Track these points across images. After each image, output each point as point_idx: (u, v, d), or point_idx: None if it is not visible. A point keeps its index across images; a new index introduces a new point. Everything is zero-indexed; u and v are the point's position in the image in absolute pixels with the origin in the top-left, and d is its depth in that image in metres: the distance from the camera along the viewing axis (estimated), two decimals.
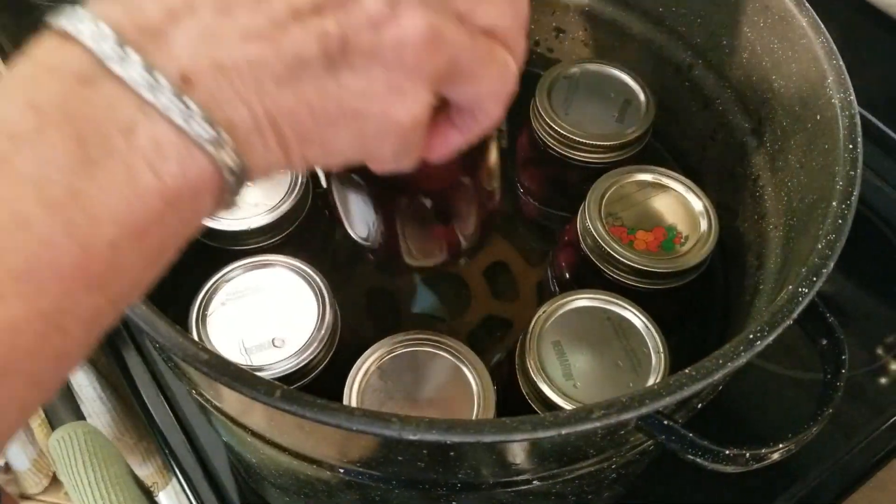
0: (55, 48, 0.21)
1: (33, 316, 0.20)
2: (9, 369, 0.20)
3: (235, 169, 0.22)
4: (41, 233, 0.19)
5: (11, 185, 0.19)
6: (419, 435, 0.28)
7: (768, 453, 0.32)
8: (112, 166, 0.20)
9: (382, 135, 0.24)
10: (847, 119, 0.38)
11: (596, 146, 0.49)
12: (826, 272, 0.33)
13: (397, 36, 0.22)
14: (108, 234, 0.20)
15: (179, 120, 0.20)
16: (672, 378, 0.30)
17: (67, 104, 0.20)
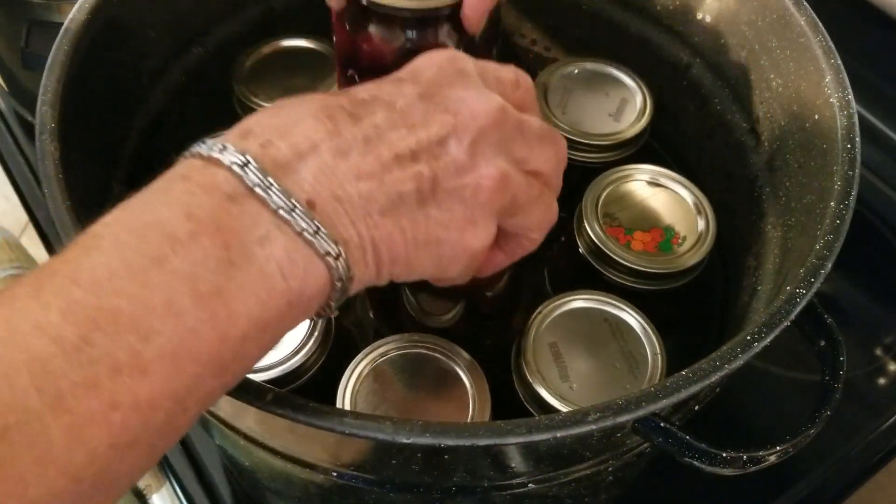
0: (204, 171, 0.25)
1: (168, 394, 0.22)
2: (139, 442, 0.22)
3: (345, 279, 0.26)
4: (190, 322, 0.22)
5: (168, 279, 0.22)
6: (412, 438, 0.28)
7: (766, 456, 0.32)
8: (251, 270, 0.24)
9: (456, 258, 0.29)
10: (845, 118, 0.38)
11: (593, 145, 0.48)
12: (824, 273, 0.33)
13: (476, 180, 0.28)
14: (242, 328, 0.23)
15: (309, 236, 0.25)
16: (669, 380, 0.30)
17: (218, 216, 0.24)
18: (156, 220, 0.23)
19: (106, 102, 0.43)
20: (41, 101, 0.37)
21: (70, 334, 0.21)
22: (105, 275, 0.22)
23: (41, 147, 0.35)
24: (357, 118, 0.27)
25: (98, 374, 0.21)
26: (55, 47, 0.39)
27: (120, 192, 0.44)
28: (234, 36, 0.51)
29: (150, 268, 0.22)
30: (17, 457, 0.20)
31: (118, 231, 0.23)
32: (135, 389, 0.21)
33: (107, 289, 0.22)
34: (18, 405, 0.20)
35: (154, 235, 0.23)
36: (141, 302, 0.22)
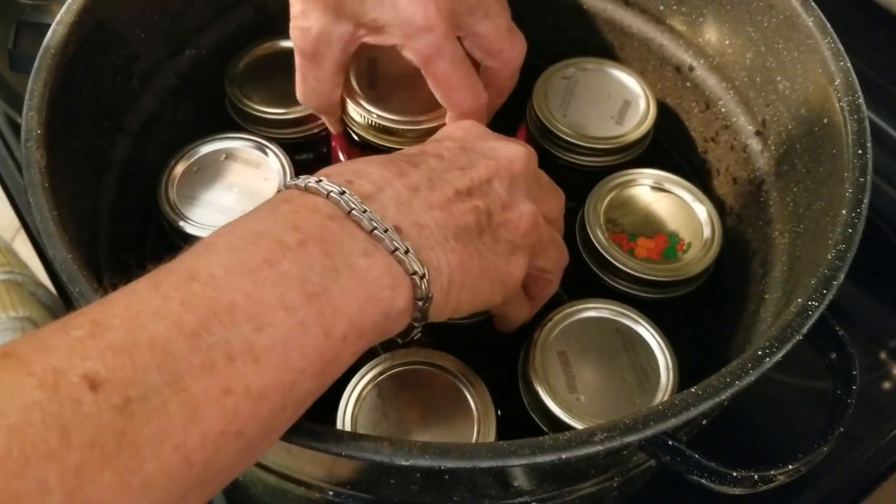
0: (306, 196, 0.28)
1: (276, 386, 0.23)
2: (244, 434, 0.23)
3: (425, 299, 0.28)
4: (299, 316, 0.24)
5: (279, 278, 0.24)
6: (411, 460, 0.27)
7: (777, 475, 0.31)
8: (353, 278, 0.26)
9: (502, 284, 0.32)
10: (855, 123, 0.37)
11: (595, 149, 0.47)
12: (837, 284, 0.32)
13: (517, 215, 0.32)
14: (343, 329, 0.25)
15: (400, 254, 0.27)
16: (677, 397, 0.29)
17: (322, 231, 0.27)
18: (266, 231, 0.26)
19: (95, 106, 0.42)
20: (27, 106, 0.36)
21: (189, 321, 0.22)
22: (221, 272, 0.24)
23: (27, 154, 0.34)
24: (415, 164, 0.31)
25: (214, 359, 0.22)
26: (42, 50, 0.38)
27: (113, 196, 0.43)
28: (227, 37, 0.50)
29: (263, 268, 0.24)
30: (137, 429, 0.20)
31: (231, 238, 0.26)
32: (247, 377, 0.22)
33: (223, 284, 0.24)
34: (139, 380, 0.21)
35: (265, 242, 0.25)
36: (255, 297, 0.24)
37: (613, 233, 0.44)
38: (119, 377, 0.21)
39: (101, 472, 0.20)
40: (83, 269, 0.31)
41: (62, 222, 0.33)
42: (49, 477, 0.19)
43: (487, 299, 0.32)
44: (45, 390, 0.20)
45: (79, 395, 0.20)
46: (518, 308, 0.37)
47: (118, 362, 0.21)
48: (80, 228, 0.38)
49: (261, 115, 0.48)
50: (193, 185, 0.44)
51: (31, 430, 0.19)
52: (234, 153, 0.46)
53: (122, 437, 0.20)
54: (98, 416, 0.20)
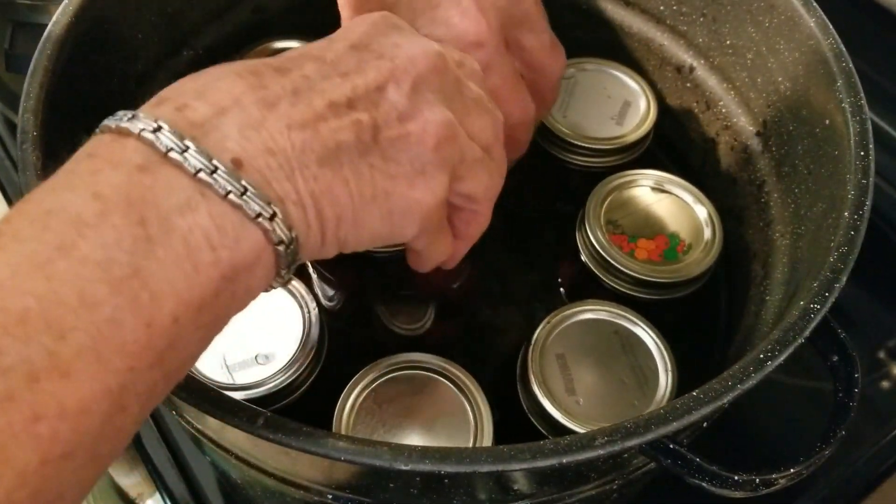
0: (112, 144, 0.23)
1: (101, 395, 0.20)
2: (75, 453, 0.20)
3: (287, 241, 0.24)
4: (108, 312, 0.20)
5: (78, 268, 0.20)
6: (411, 465, 0.26)
7: (778, 478, 0.31)
8: (172, 244, 0.21)
9: (407, 213, 0.27)
10: (858, 125, 0.37)
11: (595, 150, 0.47)
12: (839, 287, 0.32)
13: (421, 126, 0.27)
14: (171, 310, 0.21)
15: (235, 197, 0.22)
16: (679, 401, 0.29)
17: (129, 191, 0.22)
18: (59, 206, 0.21)
19: (92, 107, 0.42)
20: (23, 107, 0.36)
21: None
22: (7, 275, 0.20)
23: (23, 156, 0.34)
24: (284, 71, 0.26)
25: (13, 386, 0.19)
26: (38, 51, 0.37)
27: None
28: (225, 38, 0.50)
29: (57, 258, 0.20)
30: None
31: (19, 225, 0.21)
32: (58, 396, 0.19)
33: (11, 287, 0.20)
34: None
35: (57, 222, 0.21)
36: (50, 297, 0.20)
37: (614, 234, 0.43)
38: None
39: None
40: None
41: None
42: None
43: (387, 232, 0.28)
44: None
45: None
46: (435, 243, 0.31)
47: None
48: None
49: None
50: None
51: None
52: None
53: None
54: None
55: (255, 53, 0.50)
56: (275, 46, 0.51)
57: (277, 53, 0.49)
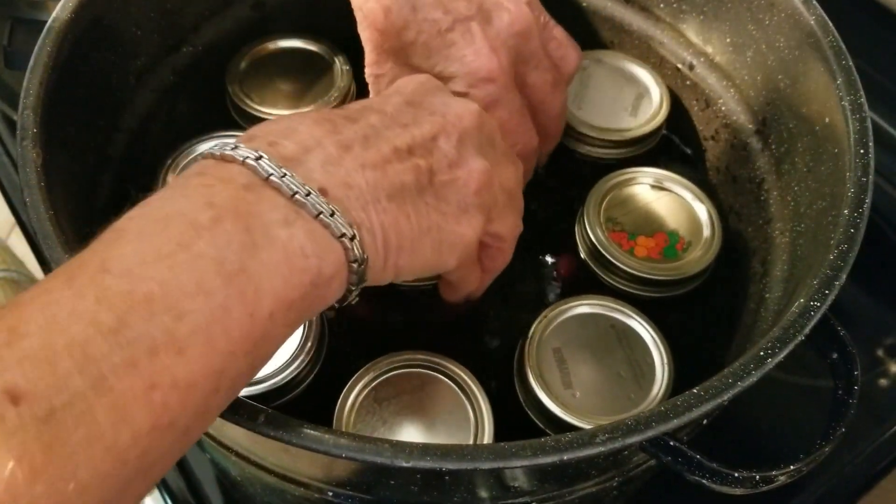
0: (219, 167, 0.27)
1: (206, 374, 0.23)
2: (176, 424, 0.22)
3: (360, 260, 0.27)
4: (220, 299, 0.23)
5: (195, 261, 0.23)
6: (412, 462, 0.27)
7: (778, 475, 0.31)
8: (273, 250, 0.25)
9: (453, 246, 0.31)
10: (857, 122, 0.37)
11: (611, 141, 0.47)
12: (839, 285, 0.32)
13: (466, 174, 0.31)
14: (269, 306, 0.24)
15: (325, 218, 0.26)
16: (679, 398, 0.29)
17: (237, 204, 0.25)
18: (177, 211, 0.25)
19: (91, 104, 0.42)
20: (23, 104, 0.35)
21: (106, 319, 0.21)
22: (135, 261, 0.23)
23: (23, 153, 0.34)
24: (353, 120, 0.30)
25: (136, 355, 0.21)
26: (37, 48, 0.37)
27: (109, 194, 0.43)
28: (225, 34, 0.50)
29: (178, 252, 0.23)
30: (66, 437, 0.20)
31: (142, 223, 0.24)
32: (172, 369, 0.22)
33: (137, 274, 0.23)
34: (62, 387, 0.20)
35: (177, 224, 0.24)
36: (171, 284, 0.23)
37: (613, 231, 0.43)
38: (40, 387, 0.20)
39: (32, 485, 0.19)
40: None
41: (58, 222, 0.33)
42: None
43: (434, 262, 0.31)
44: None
45: (1, 411, 0.19)
46: (468, 276, 0.36)
47: (38, 372, 0.20)
48: (77, 228, 0.37)
49: (261, 115, 0.47)
50: None
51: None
52: None
53: (51, 449, 0.19)
54: (23, 430, 0.19)
55: (255, 52, 0.50)
56: (275, 45, 0.51)
57: (277, 52, 0.50)
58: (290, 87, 0.49)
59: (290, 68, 0.50)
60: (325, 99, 0.48)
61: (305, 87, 0.49)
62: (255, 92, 0.48)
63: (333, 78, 0.49)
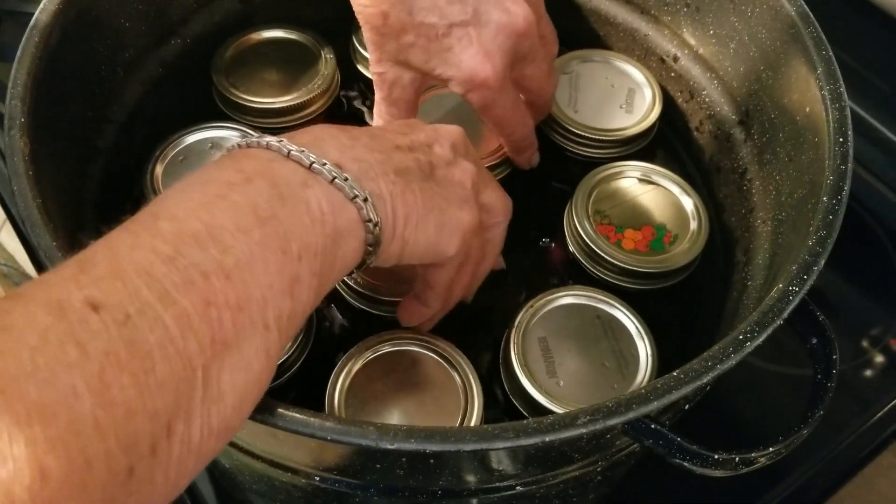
0: (244, 150, 0.30)
1: (250, 300, 0.26)
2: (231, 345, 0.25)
3: (373, 221, 0.31)
4: (256, 237, 0.27)
5: (233, 207, 0.27)
6: (397, 444, 0.27)
7: (758, 457, 0.31)
8: (297, 203, 0.28)
9: (455, 229, 0.34)
10: (837, 111, 0.37)
11: (611, 141, 0.47)
12: (817, 270, 0.32)
13: (462, 172, 0.35)
14: (297, 248, 0.28)
15: (340, 182, 0.30)
16: (659, 381, 0.29)
17: (264, 169, 0.29)
18: (211, 178, 0.28)
19: (79, 95, 0.42)
20: (10, 94, 0.36)
21: (163, 248, 0.25)
22: (181, 210, 0.26)
23: (10, 143, 0.34)
24: (358, 129, 0.34)
25: (192, 277, 0.24)
26: (25, 39, 0.37)
27: (97, 185, 0.43)
28: (212, 27, 0.50)
29: (216, 202, 0.27)
30: (143, 338, 0.23)
31: (183, 185, 0.28)
32: (223, 291, 0.25)
33: (184, 217, 0.26)
34: (133, 298, 0.23)
35: (214, 184, 0.28)
36: (215, 224, 0.26)
37: (601, 225, 0.44)
38: (115, 299, 0.23)
39: (120, 375, 0.22)
40: (67, 257, 0.31)
41: (46, 211, 0.33)
42: (76, 383, 0.21)
43: (437, 243, 0.34)
44: (54, 316, 0.22)
45: (84, 316, 0.22)
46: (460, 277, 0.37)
47: (111, 287, 0.23)
48: (65, 217, 0.38)
49: (247, 105, 0.48)
50: (179, 174, 0.44)
51: (50, 347, 0.21)
52: (220, 142, 0.46)
53: (132, 345, 0.22)
54: (106, 331, 0.22)
55: (240, 42, 0.50)
56: (259, 36, 0.51)
57: (262, 42, 0.50)
58: (275, 77, 0.49)
59: (274, 58, 0.50)
60: (310, 87, 0.49)
61: (290, 76, 0.49)
62: (240, 82, 0.49)
63: (318, 67, 0.50)
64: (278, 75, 0.49)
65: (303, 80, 0.49)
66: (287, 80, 0.49)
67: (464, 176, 0.35)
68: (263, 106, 0.48)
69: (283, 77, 0.49)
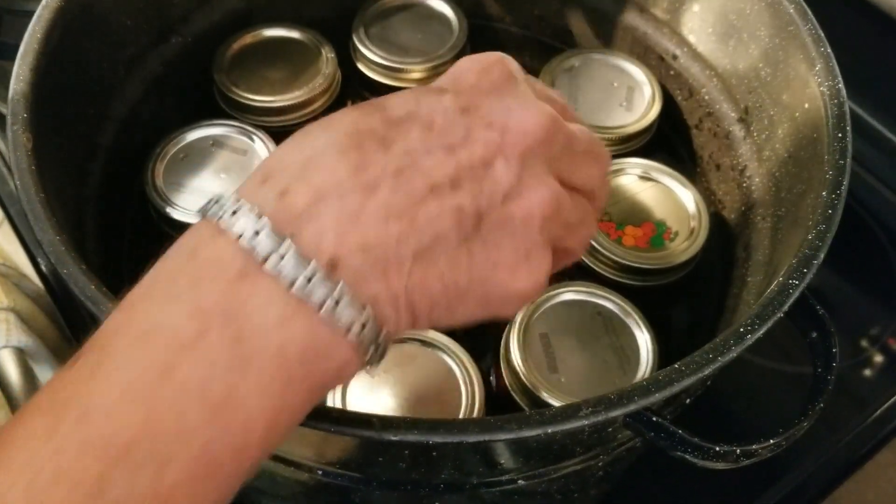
0: (213, 243, 0.23)
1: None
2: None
3: (376, 342, 0.24)
4: (203, 440, 0.21)
5: (177, 393, 0.21)
6: (400, 436, 0.27)
7: (759, 449, 0.32)
8: (266, 362, 0.22)
9: (508, 301, 0.26)
10: (836, 107, 0.38)
11: (614, 138, 0.47)
12: (817, 263, 0.33)
13: (526, 207, 0.25)
14: (259, 431, 0.22)
15: (329, 312, 0.22)
16: (661, 373, 0.29)
17: (228, 304, 0.22)
18: (161, 323, 0.22)
19: (81, 92, 0.42)
20: (13, 89, 0.36)
21: (88, 476, 0.20)
22: (116, 399, 0.21)
23: (13, 137, 0.34)
24: (388, 143, 0.24)
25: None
26: (28, 34, 0.38)
27: (98, 182, 0.43)
28: (214, 26, 0.50)
29: (159, 382, 0.21)
30: None
31: (126, 342, 0.22)
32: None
33: (118, 418, 0.21)
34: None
35: (160, 342, 0.22)
36: (153, 426, 0.21)
37: (601, 221, 0.44)
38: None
39: None
40: (71, 252, 0.31)
41: (49, 206, 0.33)
42: None
43: (484, 315, 0.26)
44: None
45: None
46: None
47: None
48: (67, 213, 0.38)
49: (248, 103, 0.48)
50: (180, 172, 0.44)
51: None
52: (222, 140, 0.46)
53: None
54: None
55: (241, 41, 0.50)
56: (260, 34, 0.51)
57: (263, 41, 0.50)
58: (276, 75, 0.49)
59: (275, 57, 0.50)
60: (311, 86, 0.49)
61: (291, 74, 0.50)
62: (241, 80, 0.49)
63: (319, 65, 0.50)
64: (279, 74, 0.49)
65: (304, 78, 0.49)
66: (288, 78, 0.49)
67: (530, 214, 0.25)
68: (264, 104, 0.48)
69: (284, 75, 0.49)
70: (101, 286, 0.30)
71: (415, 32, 0.52)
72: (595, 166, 0.29)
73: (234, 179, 0.44)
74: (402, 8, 0.53)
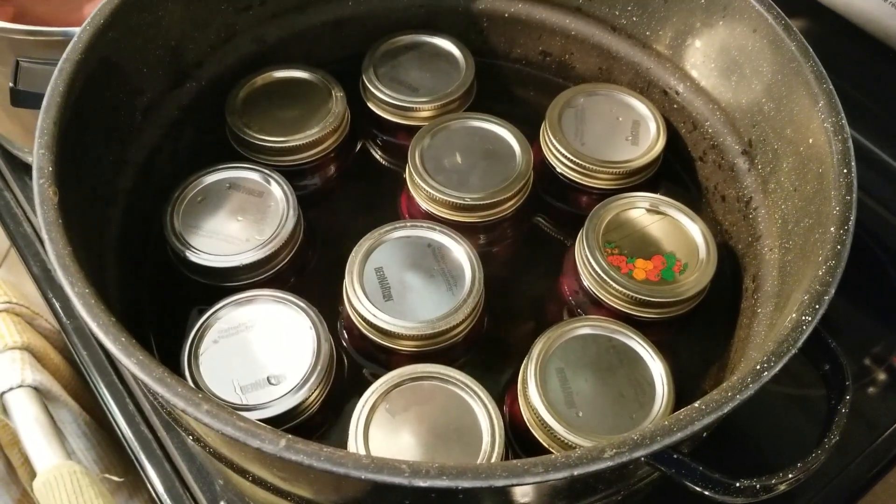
0: None
1: None
2: None
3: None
4: None
5: None
6: (429, 482, 0.28)
7: (778, 484, 0.32)
8: None
9: None
10: (840, 143, 0.39)
11: (619, 173, 0.48)
12: (828, 299, 0.33)
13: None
14: None
15: None
16: (682, 412, 0.30)
17: None
18: None
19: (101, 141, 0.43)
20: (38, 143, 0.36)
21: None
22: None
23: (40, 192, 0.35)
24: None
25: None
26: (50, 88, 0.38)
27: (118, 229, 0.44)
28: (227, 69, 0.51)
29: None
30: None
31: None
32: None
33: None
34: None
35: None
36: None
37: (612, 255, 0.45)
38: None
39: None
40: (100, 304, 0.32)
41: (77, 259, 0.34)
42: None
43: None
44: None
45: None
46: None
47: None
48: (90, 261, 0.38)
49: (261, 144, 0.49)
50: (198, 215, 0.45)
51: None
52: (238, 182, 0.47)
53: None
54: None
55: (252, 83, 0.51)
56: (273, 76, 0.52)
57: (274, 82, 0.51)
58: (287, 116, 0.50)
59: (286, 98, 0.51)
60: (322, 125, 0.50)
61: (302, 115, 0.50)
62: (254, 122, 0.50)
63: (329, 105, 0.51)
64: (290, 114, 0.50)
65: (314, 118, 0.50)
66: (299, 118, 0.50)
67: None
68: (276, 145, 0.49)
69: (294, 116, 0.50)
70: (131, 338, 0.31)
71: (423, 71, 0.53)
72: None
73: (251, 221, 0.45)
74: (410, 47, 0.54)
